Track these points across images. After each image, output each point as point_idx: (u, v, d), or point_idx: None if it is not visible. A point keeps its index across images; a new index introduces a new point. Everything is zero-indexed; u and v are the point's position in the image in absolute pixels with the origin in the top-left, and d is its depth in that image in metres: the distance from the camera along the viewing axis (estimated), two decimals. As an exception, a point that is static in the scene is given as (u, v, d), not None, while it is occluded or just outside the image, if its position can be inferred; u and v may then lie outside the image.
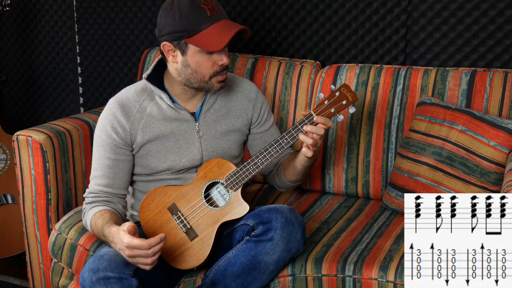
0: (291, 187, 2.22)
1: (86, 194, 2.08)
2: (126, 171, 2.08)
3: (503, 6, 2.31)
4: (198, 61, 1.97)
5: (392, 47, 2.52)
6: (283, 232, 1.87)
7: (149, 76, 2.07)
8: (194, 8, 1.91)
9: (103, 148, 2.05)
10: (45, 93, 3.30)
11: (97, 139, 2.07)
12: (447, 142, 2.15)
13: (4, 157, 2.85)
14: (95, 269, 1.80)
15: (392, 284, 1.88)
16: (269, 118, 2.22)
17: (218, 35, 1.92)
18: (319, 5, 2.60)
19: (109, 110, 2.06)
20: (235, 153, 2.15)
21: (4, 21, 3.26)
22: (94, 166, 2.08)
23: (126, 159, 2.07)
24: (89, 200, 2.07)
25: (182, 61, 1.99)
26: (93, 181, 2.07)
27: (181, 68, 2.00)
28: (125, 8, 2.97)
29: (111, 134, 2.04)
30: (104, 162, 2.05)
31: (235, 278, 1.90)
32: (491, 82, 2.23)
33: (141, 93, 2.08)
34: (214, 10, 1.93)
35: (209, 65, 1.98)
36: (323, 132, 1.93)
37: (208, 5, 1.93)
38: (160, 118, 2.06)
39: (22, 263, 2.83)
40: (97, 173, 2.06)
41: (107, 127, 2.05)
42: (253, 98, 2.19)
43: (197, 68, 1.98)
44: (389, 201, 2.28)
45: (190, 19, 1.91)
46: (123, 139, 2.04)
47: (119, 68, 3.07)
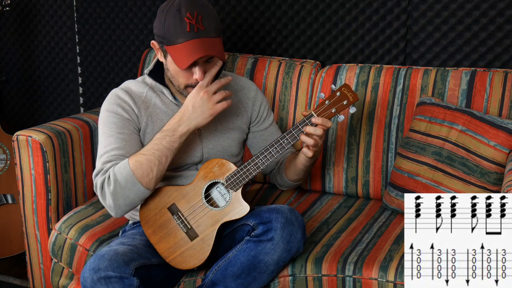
0: (293, 186, 2.22)
1: (100, 166, 1.93)
2: (139, 146, 2.00)
3: (503, 6, 2.31)
4: (175, 69, 1.96)
5: (392, 47, 2.52)
6: (283, 232, 1.87)
7: (150, 72, 2.07)
8: (177, 19, 1.88)
9: (115, 126, 1.97)
10: (45, 93, 3.30)
11: (104, 120, 1.99)
12: (447, 142, 2.15)
13: (4, 157, 2.85)
14: (96, 268, 1.80)
15: (392, 284, 1.88)
16: (268, 116, 2.23)
17: (186, 54, 1.88)
18: (319, 5, 2.60)
19: (114, 95, 2.03)
20: (235, 151, 2.15)
21: (4, 21, 3.26)
22: (105, 143, 1.96)
23: (137, 134, 2.02)
24: (108, 166, 1.92)
25: (164, 63, 2.00)
26: (104, 155, 1.94)
27: (165, 68, 2.02)
28: (125, 8, 2.97)
29: (121, 112, 1.99)
30: (118, 136, 1.96)
31: (235, 278, 1.90)
32: (491, 82, 2.24)
33: (143, 85, 2.08)
34: (195, 26, 1.88)
35: (184, 76, 1.96)
36: (321, 133, 1.93)
37: (192, 20, 1.88)
38: (164, 111, 2.06)
39: (22, 263, 2.83)
40: (110, 146, 1.94)
41: (115, 107, 2.00)
42: (252, 96, 2.19)
43: (174, 75, 1.98)
44: (389, 201, 2.28)
45: (170, 29, 1.89)
46: (131, 117, 2.01)
47: (119, 68, 3.07)
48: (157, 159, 1.91)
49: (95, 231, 2.21)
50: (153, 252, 1.98)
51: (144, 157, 1.90)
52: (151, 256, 1.96)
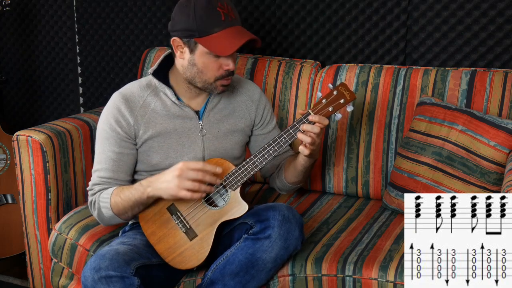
0: (292, 189, 2.22)
1: (90, 186, 2.05)
2: (130, 165, 2.07)
3: (503, 6, 2.31)
4: (205, 62, 1.97)
5: (392, 47, 2.52)
6: (281, 229, 1.87)
7: (154, 71, 2.08)
8: (209, 10, 1.91)
9: (107, 142, 2.03)
10: (45, 93, 3.30)
11: (100, 132, 2.06)
12: (447, 142, 2.15)
13: (4, 157, 2.85)
14: (97, 267, 1.80)
15: (392, 284, 1.88)
16: (271, 121, 2.23)
17: (228, 40, 1.92)
18: (319, 5, 2.60)
19: (113, 104, 2.05)
20: (236, 153, 2.15)
21: (4, 21, 3.26)
22: (97, 159, 2.06)
23: (130, 152, 2.06)
24: (96, 189, 2.03)
25: (189, 59, 1.99)
26: (95, 174, 2.05)
27: (187, 66, 2.01)
28: (125, 8, 2.97)
29: (115, 127, 2.03)
30: (109, 155, 2.03)
31: (234, 276, 1.90)
32: (491, 82, 2.24)
33: (146, 89, 2.08)
34: (229, 15, 1.93)
35: (215, 68, 1.98)
36: (318, 130, 1.93)
37: (224, 9, 1.93)
38: (163, 115, 2.06)
39: (22, 263, 2.83)
40: (100, 166, 2.04)
41: (111, 120, 2.03)
42: (256, 99, 2.19)
43: (203, 69, 1.98)
44: (389, 201, 2.28)
45: (204, 20, 1.92)
46: (127, 132, 2.04)
47: (119, 68, 3.07)
48: (131, 207, 1.98)
49: (95, 231, 2.21)
50: (153, 252, 1.98)
51: (121, 201, 1.98)
52: (151, 256, 1.96)
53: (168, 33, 2.89)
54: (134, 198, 1.95)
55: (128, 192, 1.96)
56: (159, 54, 2.65)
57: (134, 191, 1.95)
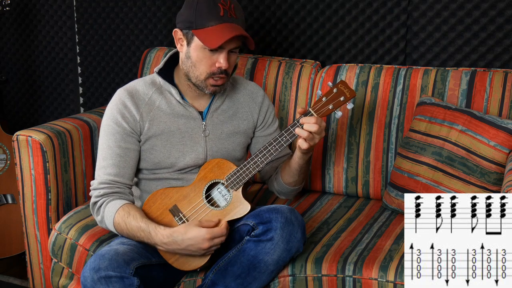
0: (290, 192, 2.20)
1: (96, 186, 2.02)
2: (135, 161, 2.06)
3: (503, 6, 2.31)
4: (198, 55, 1.98)
5: (392, 47, 2.52)
6: (283, 232, 1.87)
7: (160, 70, 2.08)
8: (211, 4, 1.94)
9: (113, 137, 2.02)
10: (45, 93, 3.30)
11: (105, 128, 2.04)
12: (447, 142, 2.15)
13: (4, 157, 2.85)
14: (96, 268, 1.80)
15: (392, 284, 1.88)
16: (273, 123, 2.23)
17: (218, 34, 1.92)
18: (319, 5, 2.60)
19: (118, 99, 2.05)
20: (238, 155, 2.15)
21: (4, 21, 3.26)
22: (102, 156, 2.03)
23: (135, 148, 2.05)
24: (101, 192, 2.01)
25: (186, 51, 2.01)
26: (101, 171, 2.03)
27: (184, 58, 2.02)
28: (125, 8, 2.97)
29: (121, 122, 2.02)
30: (115, 151, 2.02)
31: (235, 278, 1.90)
32: (491, 82, 2.24)
33: (150, 86, 2.09)
34: (229, 12, 1.94)
35: (207, 63, 1.98)
36: (315, 129, 1.93)
37: (225, 6, 1.94)
38: (168, 113, 2.06)
39: (22, 263, 2.83)
40: (106, 162, 2.02)
41: (117, 115, 2.03)
42: (259, 101, 2.19)
43: (196, 63, 1.99)
44: (389, 201, 2.28)
45: (203, 12, 1.93)
46: (132, 127, 2.03)
47: (119, 68, 3.07)
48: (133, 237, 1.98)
49: (95, 231, 2.21)
50: (153, 252, 1.98)
51: (125, 229, 1.96)
52: (151, 256, 1.96)
53: (168, 33, 2.90)
54: (139, 236, 1.94)
55: (136, 227, 1.94)
56: (159, 54, 2.65)
57: (142, 233, 1.93)
